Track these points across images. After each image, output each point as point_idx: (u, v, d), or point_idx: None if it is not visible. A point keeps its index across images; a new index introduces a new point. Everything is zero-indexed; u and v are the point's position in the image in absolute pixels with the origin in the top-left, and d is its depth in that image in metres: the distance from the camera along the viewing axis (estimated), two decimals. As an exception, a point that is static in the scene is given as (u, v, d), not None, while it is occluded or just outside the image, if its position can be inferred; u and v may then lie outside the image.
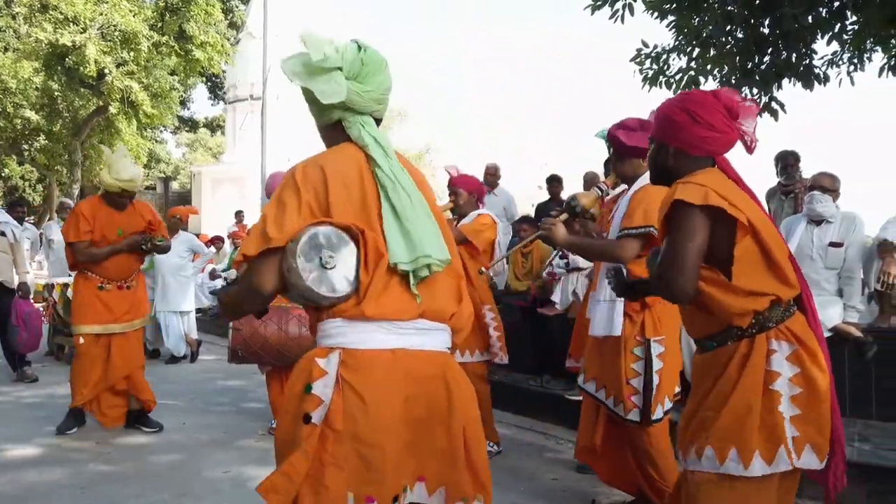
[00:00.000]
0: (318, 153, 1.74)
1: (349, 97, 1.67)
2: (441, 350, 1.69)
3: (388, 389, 1.56)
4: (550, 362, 5.33)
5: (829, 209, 4.20)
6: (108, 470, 3.90)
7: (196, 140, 36.54)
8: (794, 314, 1.91)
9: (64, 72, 15.41)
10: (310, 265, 1.56)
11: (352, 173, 1.65)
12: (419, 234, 1.62)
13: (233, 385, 6.42)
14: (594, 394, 3.17)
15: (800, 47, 6.61)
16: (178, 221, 7.81)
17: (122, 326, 4.57)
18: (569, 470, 3.94)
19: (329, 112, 1.72)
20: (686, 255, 1.81)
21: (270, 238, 1.56)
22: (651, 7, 7.00)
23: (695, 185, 1.84)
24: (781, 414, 1.82)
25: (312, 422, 1.54)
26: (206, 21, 16.24)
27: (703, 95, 1.99)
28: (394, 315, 1.60)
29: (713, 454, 1.87)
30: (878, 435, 3.97)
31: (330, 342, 1.61)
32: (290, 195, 1.61)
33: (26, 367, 6.51)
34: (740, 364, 1.88)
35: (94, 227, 4.46)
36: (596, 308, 3.13)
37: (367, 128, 1.71)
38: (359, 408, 1.53)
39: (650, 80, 7.29)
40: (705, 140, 1.96)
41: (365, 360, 1.56)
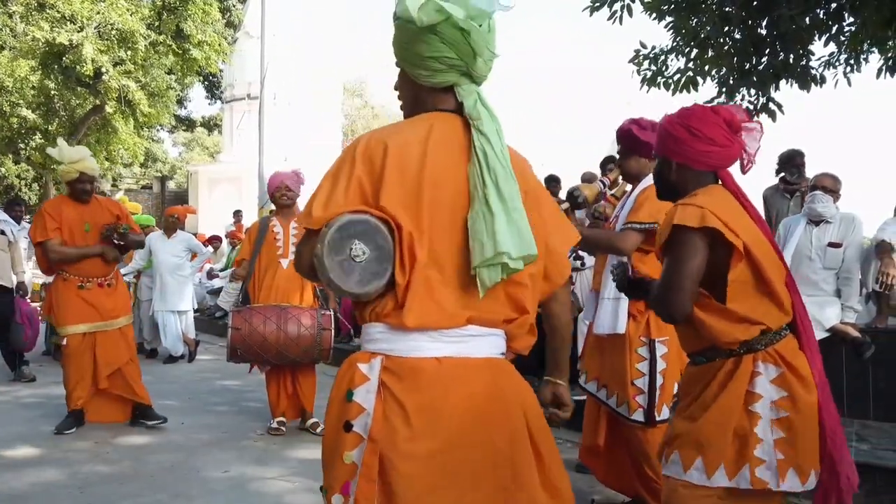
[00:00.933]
0: (394, 123, 1.59)
1: (478, 62, 1.51)
2: (493, 356, 1.53)
3: (433, 397, 1.44)
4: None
5: (829, 210, 4.22)
6: (106, 470, 3.89)
7: (193, 139, 36.49)
8: (784, 337, 1.93)
9: (61, 71, 15.36)
10: (338, 256, 1.45)
11: (417, 152, 1.48)
12: (526, 228, 1.46)
13: (231, 385, 6.42)
14: (595, 394, 3.18)
15: (797, 48, 6.63)
16: (175, 221, 7.80)
17: (106, 324, 4.60)
18: (568, 470, 3.91)
19: (446, 74, 1.53)
20: (683, 276, 1.83)
21: (312, 217, 1.49)
22: (649, 8, 7.02)
23: (693, 208, 1.85)
24: (756, 436, 1.84)
25: (354, 430, 1.45)
26: (203, 20, 16.22)
27: (703, 111, 2.01)
28: (438, 324, 1.46)
29: (678, 460, 1.92)
30: (875, 435, 3.99)
31: (373, 347, 1.51)
32: (345, 169, 1.51)
33: (24, 366, 6.50)
34: (724, 380, 1.90)
35: (61, 223, 4.49)
36: (600, 306, 3.12)
37: (483, 98, 1.54)
38: (398, 416, 1.42)
39: (648, 81, 7.31)
40: (706, 154, 1.98)
41: (409, 367, 1.46)
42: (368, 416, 1.44)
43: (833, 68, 6.87)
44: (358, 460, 1.43)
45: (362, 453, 1.43)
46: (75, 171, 4.53)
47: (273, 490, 3.57)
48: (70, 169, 4.52)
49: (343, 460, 1.44)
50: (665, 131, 2.03)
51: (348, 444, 1.45)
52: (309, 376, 4.68)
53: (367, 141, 1.52)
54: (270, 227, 4.70)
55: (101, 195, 4.92)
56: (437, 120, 1.55)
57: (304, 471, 3.82)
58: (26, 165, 21.60)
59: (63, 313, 4.52)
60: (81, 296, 4.53)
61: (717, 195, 1.95)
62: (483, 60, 1.53)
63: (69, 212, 4.56)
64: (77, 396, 4.53)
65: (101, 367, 4.58)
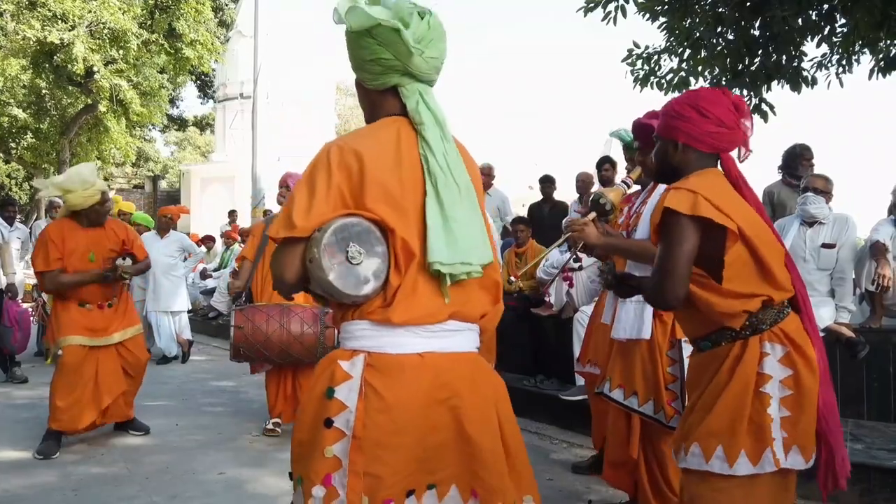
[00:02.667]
0: (357, 130, 1.62)
1: (413, 60, 1.54)
2: (470, 350, 1.62)
3: (416, 393, 1.50)
4: (544, 362, 5.35)
5: (822, 211, 4.23)
6: (100, 472, 3.86)
7: (185, 139, 36.35)
8: (788, 315, 1.93)
9: (52, 69, 15.27)
10: (335, 259, 1.46)
11: (391, 157, 1.53)
12: (465, 234, 1.51)
13: (225, 385, 6.39)
14: (623, 402, 2.98)
15: (789, 49, 6.66)
16: (168, 221, 7.76)
17: (110, 339, 4.32)
18: (564, 470, 3.94)
19: (387, 76, 1.58)
20: (676, 262, 1.83)
21: (295, 226, 1.48)
22: (643, 9, 7.04)
23: (685, 192, 1.84)
24: (770, 416, 1.85)
25: (336, 426, 1.49)
26: (195, 19, 16.15)
27: (712, 92, 2.00)
28: (422, 320, 1.52)
29: (700, 452, 1.90)
30: (869, 435, 4.00)
31: (355, 344, 1.54)
32: (321, 178, 1.50)
33: (16, 367, 6.45)
34: (732, 366, 1.90)
35: (64, 251, 4.16)
36: (622, 309, 3.00)
37: (427, 98, 1.58)
38: (382, 412, 1.48)
39: (641, 81, 7.33)
40: (714, 136, 1.97)
41: (392, 364, 1.50)
42: (351, 414, 1.48)
43: (825, 69, 6.91)
44: (341, 454, 1.48)
45: (346, 448, 1.48)
46: (97, 193, 4.16)
47: (269, 491, 3.55)
48: (92, 192, 4.12)
49: (324, 454, 1.49)
50: (673, 111, 2.01)
51: (329, 439, 1.49)
52: (309, 379, 4.63)
53: (340, 149, 1.53)
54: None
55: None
56: (403, 125, 1.59)
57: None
58: (17, 165, 21.47)
59: (61, 325, 4.22)
60: (82, 312, 4.26)
61: (711, 178, 1.94)
62: (422, 58, 1.55)
63: (74, 239, 4.20)
64: (60, 412, 4.13)
65: (104, 394, 4.28)
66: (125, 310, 4.49)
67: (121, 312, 4.45)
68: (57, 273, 4.16)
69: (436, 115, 1.58)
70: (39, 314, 7.38)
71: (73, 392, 4.16)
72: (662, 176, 2.12)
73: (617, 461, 3.11)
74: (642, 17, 7.13)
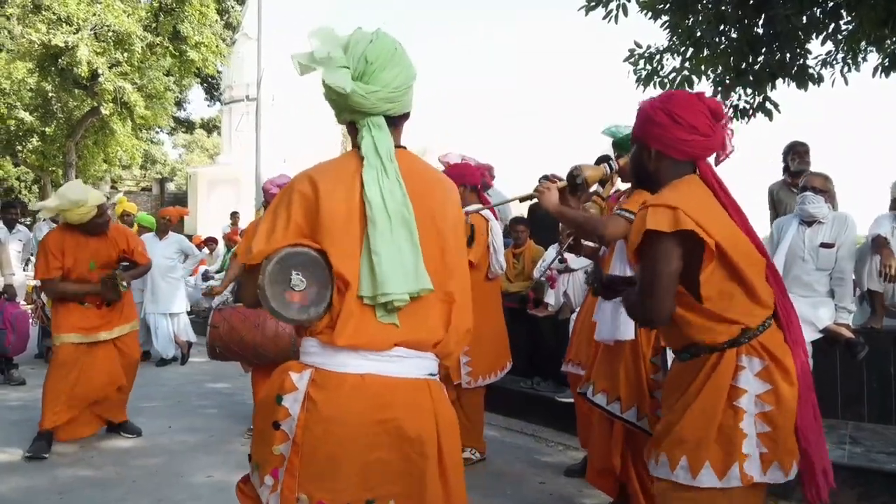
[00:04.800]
0: (321, 163, 1.71)
1: (353, 100, 1.60)
2: (419, 377, 1.66)
3: (351, 410, 1.57)
4: (541, 364, 5.28)
5: (820, 210, 4.15)
6: (89, 474, 3.84)
7: (193, 141, 36.48)
8: (768, 328, 1.86)
9: (57, 73, 15.34)
10: (278, 287, 1.58)
11: (344, 190, 1.60)
12: (384, 267, 1.56)
13: (221, 388, 6.36)
14: (606, 407, 2.92)
15: (794, 47, 6.57)
16: (167, 223, 7.75)
17: (107, 334, 4.36)
18: (556, 474, 3.88)
19: (340, 114, 1.68)
20: (660, 282, 1.77)
21: (252, 253, 1.60)
22: (645, 7, 6.97)
23: (664, 210, 1.76)
24: (742, 431, 1.78)
25: (282, 429, 1.61)
26: (200, 21, 16.19)
27: (687, 96, 1.92)
28: (367, 345, 1.59)
29: (666, 461, 1.86)
30: (869, 437, 3.92)
31: (306, 360, 1.65)
32: (282, 209, 1.62)
33: (13, 369, 6.44)
34: (706, 377, 1.84)
35: (64, 260, 4.18)
36: (600, 311, 2.94)
37: (374, 132, 1.63)
38: (319, 423, 1.57)
39: (644, 81, 7.26)
40: (687, 143, 1.88)
41: (333, 381, 1.59)
42: (293, 422, 1.60)
43: (830, 67, 6.82)
44: (285, 453, 1.60)
45: (289, 449, 1.60)
46: (93, 209, 4.15)
47: (256, 495, 3.51)
48: (87, 209, 4.11)
49: (273, 451, 1.62)
50: (645, 115, 1.93)
51: (276, 439, 1.62)
52: None
53: (303, 180, 1.63)
54: None
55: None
56: (355, 158, 1.66)
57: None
58: (25, 168, 21.62)
59: (59, 322, 4.27)
60: (80, 309, 4.29)
61: (688, 189, 1.86)
62: (359, 96, 1.60)
63: (73, 247, 4.22)
64: (52, 413, 4.15)
65: (96, 380, 4.30)
66: (123, 307, 4.51)
67: (118, 309, 4.47)
68: (57, 281, 4.21)
69: (377, 149, 1.62)
70: (39, 316, 7.37)
71: (65, 389, 4.19)
72: (638, 181, 2.06)
73: (601, 468, 3.05)
74: (644, 15, 7.07)
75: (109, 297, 4.34)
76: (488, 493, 3.47)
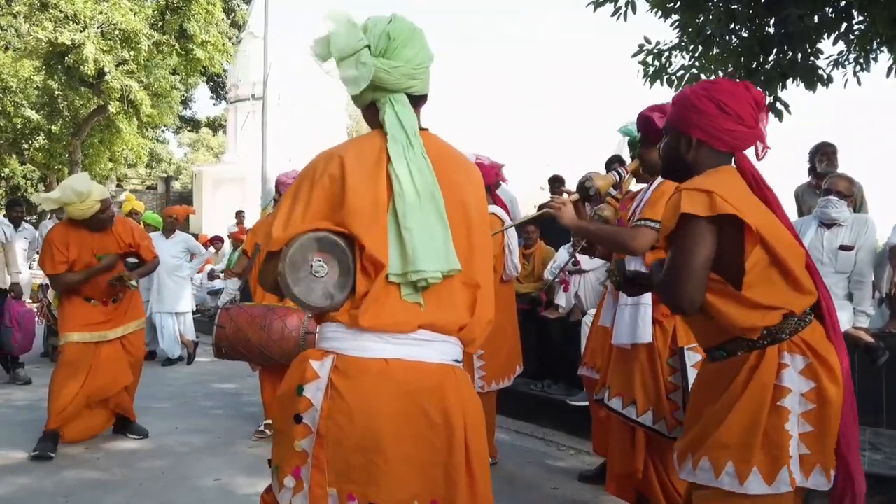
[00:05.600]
0: (343, 142, 1.68)
1: (377, 75, 1.57)
2: (444, 362, 1.60)
3: (377, 398, 1.52)
4: (551, 366, 5.22)
5: (841, 213, 4.07)
6: (94, 476, 3.79)
7: (198, 140, 36.51)
8: (810, 324, 1.78)
9: (64, 71, 15.34)
10: (298, 274, 1.54)
11: (370, 168, 1.57)
12: (416, 243, 1.52)
13: (227, 388, 6.31)
14: (622, 411, 2.84)
15: (805, 47, 6.50)
16: (174, 221, 7.70)
17: (113, 332, 4.31)
18: (570, 479, 3.81)
19: (361, 94, 1.63)
20: (692, 266, 1.69)
21: (273, 239, 1.56)
22: (654, 5, 6.90)
23: (700, 193, 1.70)
24: (788, 433, 1.70)
25: (304, 422, 1.54)
26: (206, 20, 16.16)
27: (733, 85, 1.85)
28: (391, 327, 1.54)
29: (709, 466, 1.76)
30: (889, 444, 3.85)
31: (326, 346, 1.59)
32: (304, 191, 1.59)
33: (19, 368, 6.41)
34: (747, 377, 1.75)
35: (68, 255, 4.14)
36: (619, 314, 2.85)
37: (397, 108, 1.61)
38: (343, 413, 1.51)
39: (652, 78, 7.19)
40: (732, 133, 1.82)
41: (357, 367, 1.53)
42: (316, 412, 1.53)
43: (842, 67, 6.74)
44: (308, 449, 1.54)
45: (312, 444, 1.53)
46: (96, 203, 4.08)
47: (264, 499, 3.45)
48: (91, 203, 4.05)
49: (294, 448, 1.55)
50: (689, 103, 1.85)
51: (298, 433, 1.55)
52: None
53: (325, 158, 1.61)
54: None
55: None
56: (377, 135, 1.63)
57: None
58: (31, 166, 21.65)
59: (66, 321, 4.24)
60: (87, 307, 4.27)
61: (725, 176, 1.79)
62: (384, 72, 1.58)
63: (78, 242, 4.16)
64: (59, 412, 4.11)
65: (102, 379, 4.26)
66: (129, 305, 4.47)
67: (124, 308, 4.43)
68: (65, 275, 4.18)
69: (402, 124, 1.60)
70: (45, 314, 7.33)
71: (72, 388, 4.15)
72: (671, 171, 1.97)
73: (622, 473, 2.95)
74: (654, 13, 7.00)
75: (118, 286, 4.30)
76: (501, 497, 3.38)
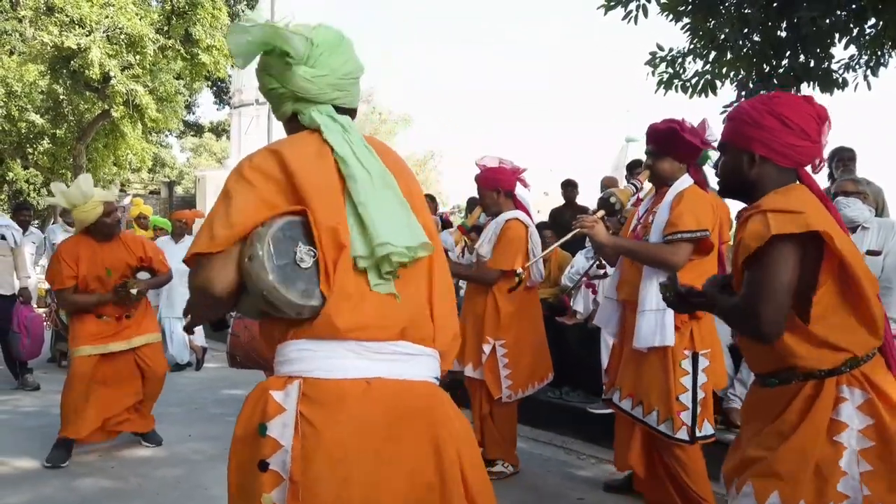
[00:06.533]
0: (274, 142, 1.53)
1: (297, 84, 1.46)
2: (427, 380, 1.42)
3: (361, 428, 1.30)
4: (569, 373, 5.15)
5: (860, 213, 4.00)
6: (107, 485, 3.73)
7: (201, 145, 36.49)
8: (872, 358, 1.71)
9: (69, 75, 15.30)
10: (281, 260, 1.28)
11: (312, 154, 1.43)
12: (374, 217, 1.36)
13: (238, 394, 6.24)
14: (630, 412, 2.95)
15: (817, 51, 6.46)
16: (183, 226, 7.66)
17: (123, 344, 4.20)
18: (594, 489, 3.74)
19: (282, 104, 1.51)
20: (779, 288, 1.61)
21: (218, 238, 1.31)
22: (666, 9, 6.86)
23: (788, 214, 1.63)
24: (842, 469, 1.64)
25: (272, 468, 1.29)
26: (212, 25, 16.14)
27: (794, 99, 1.80)
28: (371, 332, 1.33)
29: (751, 492, 1.71)
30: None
31: (288, 369, 1.34)
32: (239, 188, 1.37)
33: (28, 374, 6.35)
34: (803, 407, 1.69)
35: (78, 269, 4.04)
36: (642, 319, 2.88)
37: (321, 110, 1.49)
38: (320, 452, 1.27)
39: (665, 84, 7.16)
40: (796, 149, 1.76)
41: (331, 392, 1.30)
42: (287, 454, 1.28)
43: (853, 71, 6.70)
44: (280, 501, 1.28)
45: (284, 494, 1.27)
46: (99, 205, 3.99)
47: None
48: (93, 205, 3.96)
49: (261, 502, 1.28)
50: (749, 119, 1.79)
51: (266, 484, 1.28)
52: None
53: (254, 159, 1.43)
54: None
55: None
56: (306, 134, 1.50)
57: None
58: (35, 170, 21.62)
59: (76, 335, 4.13)
60: (98, 322, 4.16)
61: (804, 196, 1.72)
62: (304, 80, 1.46)
63: (88, 255, 4.07)
64: (71, 425, 4.03)
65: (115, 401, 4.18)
66: (142, 319, 4.35)
67: (136, 321, 4.31)
68: (70, 291, 4.07)
69: (332, 116, 1.49)
70: (53, 319, 7.29)
71: (84, 401, 4.05)
72: (732, 190, 1.90)
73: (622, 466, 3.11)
74: (665, 17, 6.96)
75: (123, 303, 4.20)
76: (524, 508, 3.35)
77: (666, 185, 2.99)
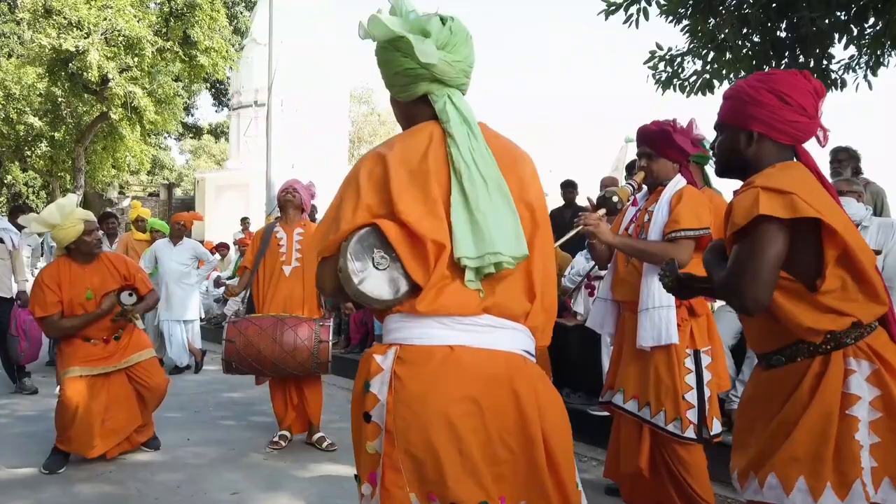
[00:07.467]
0: (390, 138, 1.64)
1: (440, 67, 1.56)
2: (514, 351, 1.54)
3: (442, 386, 1.45)
4: (570, 375, 5.14)
5: (857, 211, 4.00)
6: (106, 490, 3.70)
7: (200, 147, 36.49)
8: (875, 329, 1.71)
9: (67, 77, 15.32)
10: (360, 266, 1.49)
11: (418, 156, 1.54)
12: (491, 226, 1.48)
13: (238, 397, 6.22)
14: (637, 413, 2.91)
15: (817, 51, 6.46)
16: (181, 228, 7.63)
17: (114, 366, 4.11)
18: (596, 492, 3.71)
19: (416, 85, 1.59)
20: (762, 265, 1.61)
21: (328, 242, 1.54)
22: (666, 11, 6.86)
23: (778, 195, 1.62)
24: (859, 443, 1.62)
25: (373, 420, 1.49)
26: (210, 26, 16.17)
27: (791, 75, 1.78)
28: (451, 310, 1.48)
29: (777, 483, 1.67)
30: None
31: (389, 338, 1.55)
32: (349, 195, 1.55)
33: (26, 378, 6.33)
34: (813, 385, 1.67)
35: (61, 294, 3.97)
36: (645, 317, 2.86)
37: (455, 100, 1.59)
38: (405, 403, 1.45)
39: (663, 84, 7.16)
40: (794, 125, 1.75)
41: (420, 355, 1.48)
42: (383, 408, 1.48)
43: (853, 71, 6.70)
44: (380, 449, 1.47)
45: (382, 442, 1.47)
46: (79, 223, 3.95)
47: (283, 513, 3.37)
48: (74, 222, 3.92)
49: (367, 450, 1.50)
50: (747, 96, 1.78)
51: (369, 434, 1.50)
52: (315, 389, 4.49)
53: (370, 159, 1.57)
54: (274, 233, 4.52)
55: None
56: (435, 127, 1.59)
57: (316, 491, 3.63)
58: (33, 173, 21.62)
59: (65, 358, 4.05)
60: (86, 346, 4.09)
61: (800, 174, 1.71)
62: (447, 64, 1.57)
63: (69, 279, 4.00)
64: (68, 442, 3.98)
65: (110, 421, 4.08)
66: (130, 341, 4.25)
67: (124, 344, 4.23)
68: (57, 318, 4.00)
69: (462, 114, 1.58)
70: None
71: (76, 424, 3.94)
72: (729, 170, 1.89)
73: (630, 472, 3.01)
74: (665, 19, 6.96)
75: (122, 321, 4.15)
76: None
77: (661, 185, 3.02)
